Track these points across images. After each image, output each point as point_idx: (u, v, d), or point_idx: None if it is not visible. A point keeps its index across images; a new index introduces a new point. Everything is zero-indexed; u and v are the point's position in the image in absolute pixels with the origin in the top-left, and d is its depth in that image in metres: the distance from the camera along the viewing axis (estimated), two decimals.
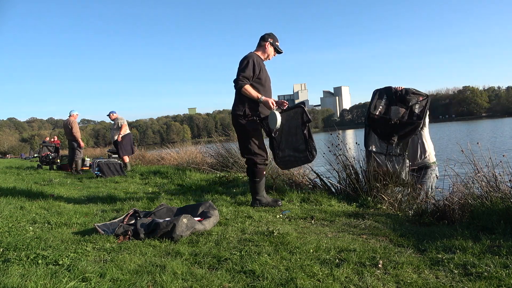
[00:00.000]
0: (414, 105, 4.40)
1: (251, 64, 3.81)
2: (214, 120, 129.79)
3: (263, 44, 4.03)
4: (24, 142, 74.59)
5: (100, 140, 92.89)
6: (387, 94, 4.57)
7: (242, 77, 3.79)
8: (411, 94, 4.44)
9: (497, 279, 1.98)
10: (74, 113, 10.17)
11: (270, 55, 4.06)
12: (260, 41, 4.07)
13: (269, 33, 4.07)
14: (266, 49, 4.02)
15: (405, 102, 4.42)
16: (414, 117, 4.36)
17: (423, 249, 2.54)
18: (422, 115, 4.37)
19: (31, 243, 2.71)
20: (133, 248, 2.62)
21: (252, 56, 3.91)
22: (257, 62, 3.89)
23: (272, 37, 4.03)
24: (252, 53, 3.97)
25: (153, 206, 4.08)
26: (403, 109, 4.42)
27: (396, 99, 4.49)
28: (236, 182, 5.64)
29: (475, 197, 3.32)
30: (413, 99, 4.42)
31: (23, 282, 1.95)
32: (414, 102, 4.40)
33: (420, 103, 4.41)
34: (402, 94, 4.45)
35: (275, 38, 4.06)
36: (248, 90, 3.80)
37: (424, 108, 4.39)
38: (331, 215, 3.60)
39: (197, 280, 2.05)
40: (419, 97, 4.43)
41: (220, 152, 8.02)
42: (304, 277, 2.05)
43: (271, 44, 4.01)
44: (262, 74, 3.92)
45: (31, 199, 4.78)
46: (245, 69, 3.80)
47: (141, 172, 8.47)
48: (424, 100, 4.43)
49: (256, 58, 3.92)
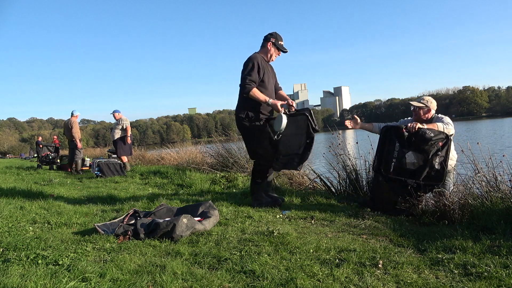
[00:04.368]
0: (434, 157, 3.52)
1: (256, 66, 3.79)
2: (214, 120, 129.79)
3: (266, 45, 3.99)
4: (24, 142, 74.54)
5: (100, 140, 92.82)
6: (397, 136, 3.72)
7: (249, 80, 3.75)
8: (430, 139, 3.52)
9: (497, 279, 1.98)
10: (75, 113, 10.18)
11: (274, 55, 4.01)
12: (263, 41, 4.02)
13: (272, 32, 4.01)
14: (269, 49, 3.97)
15: (422, 151, 3.56)
16: (432, 172, 3.53)
17: (423, 249, 2.54)
18: (443, 170, 3.52)
19: (31, 243, 2.71)
20: (133, 248, 2.62)
21: (256, 58, 3.86)
22: (261, 64, 3.85)
23: (274, 36, 3.97)
24: (256, 55, 3.92)
25: (153, 206, 4.08)
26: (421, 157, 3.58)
27: (409, 142, 3.63)
28: (236, 182, 5.64)
29: (475, 197, 3.32)
30: (431, 147, 3.53)
31: (23, 282, 1.95)
32: (433, 151, 3.53)
33: (441, 152, 3.53)
34: (417, 138, 3.58)
35: (278, 37, 3.98)
36: (256, 93, 3.77)
37: (445, 157, 3.54)
38: (331, 215, 3.60)
39: (197, 280, 2.05)
40: (438, 143, 3.54)
41: (220, 152, 8.02)
42: (304, 277, 2.05)
43: (274, 44, 3.95)
44: (265, 76, 3.88)
45: (31, 199, 4.78)
46: (251, 72, 3.77)
47: (141, 172, 8.47)
48: (445, 146, 3.55)
49: (260, 59, 3.87)
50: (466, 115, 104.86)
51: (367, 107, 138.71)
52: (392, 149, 3.71)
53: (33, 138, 62.37)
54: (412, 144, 3.60)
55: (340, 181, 4.85)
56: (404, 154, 3.62)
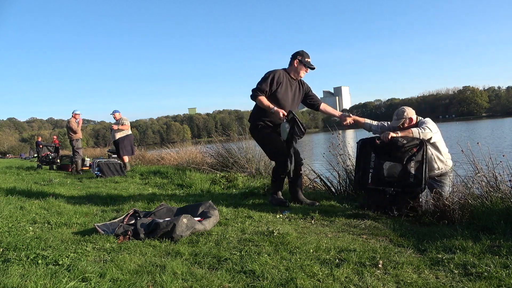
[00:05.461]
0: (409, 163, 3.54)
1: (269, 79, 4.00)
2: (214, 120, 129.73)
3: (292, 62, 4.12)
4: (24, 142, 74.53)
5: (100, 140, 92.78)
6: (372, 147, 3.76)
7: (257, 88, 4.01)
8: (402, 146, 3.55)
9: (497, 279, 1.98)
10: (74, 113, 10.21)
11: (300, 72, 4.12)
12: (290, 59, 4.15)
13: (299, 51, 4.13)
14: (295, 67, 4.10)
15: (397, 159, 3.59)
16: (410, 178, 3.53)
17: (423, 249, 2.54)
18: (422, 175, 3.49)
19: (31, 243, 2.71)
20: (133, 248, 2.62)
21: (275, 72, 4.04)
22: (278, 79, 4.01)
23: (301, 54, 4.09)
24: (278, 70, 4.09)
25: (153, 206, 4.08)
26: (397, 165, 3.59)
27: (383, 152, 3.68)
28: (236, 182, 5.64)
29: (475, 197, 3.31)
30: (405, 154, 3.55)
31: (23, 282, 1.95)
32: (407, 157, 3.55)
33: (416, 157, 3.53)
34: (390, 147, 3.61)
35: (305, 55, 4.09)
36: (261, 100, 3.97)
37: (421, 162, 3.52)
38: (331, 215, 3.60)
39: (197, 280, 2.05)
40: (412, 149, 3.55)
41: (220, 152, 8.01)
42: (304, 277, 2.05)
43: (300, 61, 4.06)
44: (279, 93, 4.01)
45: (31, 199, 4.78)
46: (262, 82, 4.01)
47: (141, 172, 8.47)
48: (419, 150, 3.54)
49: (279, 75, 4.03)
50: (466, 115, 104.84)
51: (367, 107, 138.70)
52: (368, 160, 3.78)
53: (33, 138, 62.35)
54: (387, 153, 3.66)
55: (340, 181, 4.85)
56: (381, 164, 3.68)
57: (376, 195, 3.70)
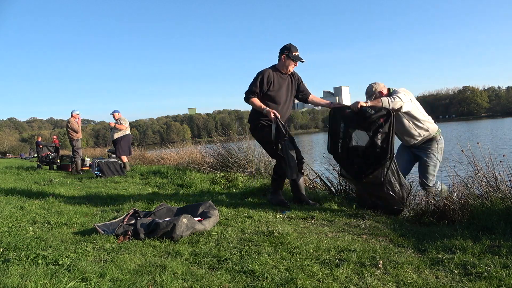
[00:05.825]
0: (376, 135, 3.50)
1: (259, 80, 4.01)
2: (214, 120, 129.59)
3: (280, 58, 4.09)
4: (24, 142, 74.52)
5: (100, 140, 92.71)
6: (342, 117, 3.76)
7: (248, 91, 4.06)
8: (369, 117, 3.50)
9: (497, 279, 1.98)
10: (74, 113, 10.21)
11: (289, 67, 4.08)
12: (279, 54, 4.11)
13: (286, 45, 4.07)
14: (283, 62, 4.07)
15: (364, 129, 3.58)
16: (377, 149, 3.49)
17: (423, 249, 2.54)
18: (388, 145, 3.45)
19: (31, 243, 2.71)
20: (133, 248, 2.62)
21: (264, 72, 4.03)
22: (268, 78, 3.99)
23: (287, 48, 4.03)
24: (266, 69, 4.08)
25: (153, 206, 4.08)
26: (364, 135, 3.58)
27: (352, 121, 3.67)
28: (236, 182, 5.63)
29: (475, 197, 3.32)
30: (372, 125, 3.51)
31: (23, 282, 1.95)
32: (374, 128, 3.51)
33: (383, 128, 3.47)
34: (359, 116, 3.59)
35: (292, 49, 4.03)
36: (253, 102, 4.01)
37: (388, 134, 3.44)
38: (331, 215, 3.60)
39: (197, 280, 2.05)
40: (379, 120, 3.48)
41: (220, 152, 8.02)
42: (304, 277, 2.05)
43: (287, 56, 4.02)
44: (272, 91, 4.02)
45: (31, 199, 4.79)
46: (252, 84, 4.04)
47: (141, 172, 8.47)
48: (386, 122, 3.47)
49: (268, 74, 4.01)
50: (466, 115, 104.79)
51: None
52: (338, 130, 3.82)
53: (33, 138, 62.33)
54: (355, 123, 3.67)
55: (340, 181, 4.85)
56: (350, 134, 3.72)
57: (345, 163, 3.81)
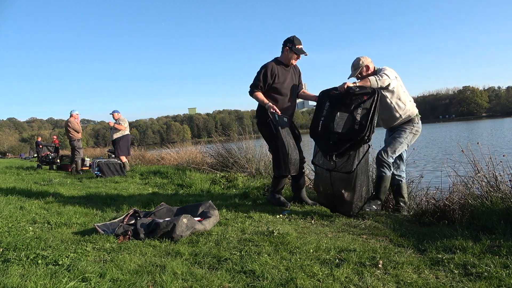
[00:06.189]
0: (356, 110, 3.41)
1: (262, 73, 4.01)
2: (214, 120, 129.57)
3: (283, 50, 4.08)
4: (24, 142, 74.52)
5: (100, 140, 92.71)
6: (328, 98, 3.66)
7: (252, 84, 4.06)
8: (354, 95, 3.45)
9: (497, 279, 1.98)
10: (74, 113, 10.20)
11: (292, 59, 4.07)
12: (282, 47, 4.11)
13: (289, 37, 4.06)
14: (286, 54, 4.07)
15: (346, 105, 3.48)
16: (356, 125, 3.37)
17: (423, 249, 2.54)
18: (367, 122, 3.34)
19: (31, 243, 2.71)
20: (133, 248, 2.62)
21: (267, 65, 4.02)
22: (272, 72, 3.99)
23: (290, 41, 4.01)
24: (269, 62, 4.07)
25: (153, 206, 4.08)
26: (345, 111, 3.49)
27: (338, 102, 3.56)
28: (236, 182, 5.64)
29: (475, 197, 3.32)
30: (354, 101, 3.45)
31: (23, 282, 1.95)
32: (355, 104, 3.43)
33: (364, 104, 3.40)
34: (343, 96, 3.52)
35: (295, 42, 4.01)
36: (257, 95, 4.02)
37: (370, 111, 3.36)
38: (331, 215, 3.60)
39: (197, 280, 2.05)
40: (362, 97, 3.42)
41: (220, 152, 8.02)
42: (304, 277, 2.05)
43: (290, 49, 4.01)
44: (277, 83, 4.01)
45: (31, 199, 4.79)
46: (256, 78, 4.04)
47: (141, 172, 8.48)
48: (369, 98, 3.40)
49: (272, 67, 4.01)
50: (466, 115, 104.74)
51: None
52: (322, 109, 3.66)
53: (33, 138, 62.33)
54: (341, 104, 3.53)
55: None
56: (333, 114, 3.54)
57: (322, 142, 3.60)
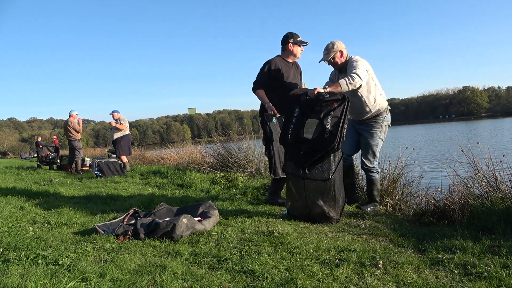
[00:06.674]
0: (326, 118, 3.28)
1: (266, 69, 4.01)
2: (214, 120, 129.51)
3: (286, 47, 4.09)
4: (24, 142, 74.48)
5: (100, 140, 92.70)
6: (298, 104, 3.52)
7: (256, 81, 4.08)
8: (323, 101, 3.32)
9: (497, 279, 1.98)
10: (73, 113, 10.20)
11: (297, 53, 4.11)
12: (282, 45, 4.12)
13: (287, 34, 4.09)
14: (290, 50, 4.07)
15: (316, 113, 3.36)
16: (326, 134, 3.24)
17: (423, 249, 2.54)
18: (337, 131, 3.21)
19: (31, 243, 2.71)
20: (133, 248, 2.62)
21: (270, 61, 4.03)
22: (275, 67, 3.99)
23: (291, 36, 4.06)
24: (273, 59, 4.07)
25: (153, 206, 4.08)
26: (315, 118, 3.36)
27: (308, 109, 3.43)
28: (236, 182, 5.64)
29: (475, 197, 3.32)
30: (324, 109, 3.32)
31: (23, 282, 1.95)
32: (325, 111, 3.31)
33: (334, 112, 3.28)
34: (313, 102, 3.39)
35: (295, 36, 4.07)
36: (259, 93, 4.04)
37: (340, 119, 3.24)
38: None
39: (197, 280, 2.05)
40: (333, 104, 3.31)
41: (220, 152, 8.01)
42: (304, 277, 2.05)
43: (294, 43, 4.05)
44: (281, 78, 4.01)
45: (31, 199, 4.79)
46: (259, 75, 4.06)
47: (141, 172, 8.47)
48: (339, 106, 3.28)
49: (275, 63, 4.02)
50: (466, 115, 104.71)
51: None
52: (291, 116, 3.52)
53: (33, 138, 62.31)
54: (311, 110, 3.41)
55: None
56: (303, 121, 3.42)
57: (293, 152, 3.46)
